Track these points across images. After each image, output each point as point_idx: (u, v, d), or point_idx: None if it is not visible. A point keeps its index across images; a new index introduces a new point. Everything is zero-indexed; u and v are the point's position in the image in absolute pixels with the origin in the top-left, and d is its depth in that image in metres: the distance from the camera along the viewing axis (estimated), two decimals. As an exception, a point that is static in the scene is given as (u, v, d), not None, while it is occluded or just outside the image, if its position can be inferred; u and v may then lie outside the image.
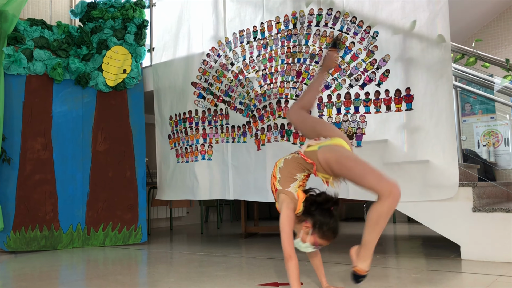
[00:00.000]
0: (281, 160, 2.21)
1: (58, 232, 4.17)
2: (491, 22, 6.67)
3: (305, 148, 2.12)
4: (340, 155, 2.00)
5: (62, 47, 4.37)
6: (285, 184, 2.12)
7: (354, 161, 1.97)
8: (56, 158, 4.25)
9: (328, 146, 2.06)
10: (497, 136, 6.47)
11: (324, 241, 2.03)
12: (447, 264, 2.88)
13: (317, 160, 2.03)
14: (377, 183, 1.88)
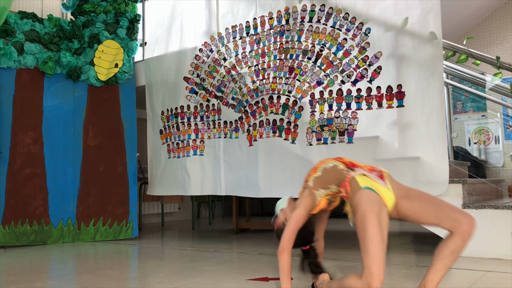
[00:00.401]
0: (331, 162, 2.01)
1: (48, 227, 4.15)
2: (483, 21, 6.71)
3: (357, 175, 1.89)
4: (365, 215, 1.74)
5: (53, 41, 4.34)
6: (317, 185, 1.98)
7: (367, 232, 1.72)
8: (46, 153, 4.22)
9: (372, 195, 1.79)
10: (488, 134, 6.51)
11: None
12: (436, 260, 2.89)
13: (352, 196, 1.84)
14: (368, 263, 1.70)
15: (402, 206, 1.85)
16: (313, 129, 3.52)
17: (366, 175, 1.87)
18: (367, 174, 1.88)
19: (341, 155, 3.36)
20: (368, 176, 1.87)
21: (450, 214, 1.77)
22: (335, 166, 1.96)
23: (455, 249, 1.75)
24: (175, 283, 2.34)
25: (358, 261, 2.91)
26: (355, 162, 1.98)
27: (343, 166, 1.94)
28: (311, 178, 2.01)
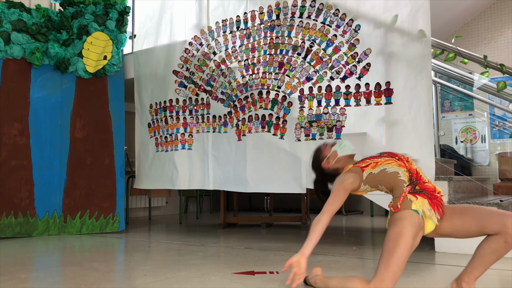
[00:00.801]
0: (395, 167, 1.89)
1: (34, 219, 4.11)
2: (472, 21, 6.76)
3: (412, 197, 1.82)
4: (403, 234, 1.76)
5: (41, 31, 4.28)
6: (368, 181, 1.93)
7: (397, 250, 1.76)
8: (33, 144, 4.17)
9: (417, 220, 1.78)
10: (475, 133, 6.58)
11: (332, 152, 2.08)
12: (421, 256, 2.92)
13: (399, 211, 1.81)
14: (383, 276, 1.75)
15: (442, 227, 1.84)
16: (301, 125, 3.53)
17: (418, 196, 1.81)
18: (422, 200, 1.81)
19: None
20: (422, 201, 1.81)
21: (492, 220, 1.74)
22: (396, 173, 1.86)
23: (496, 249, 1.74)
24: (160, 276, 2.34)
25: (344, 256, 2.93)
26: (420, 173, 1.89)
27: (406, 177, 1.84)
28: (367, 172, 1.92)
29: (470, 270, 1.81)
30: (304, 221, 4.57)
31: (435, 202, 1.81)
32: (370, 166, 1.92)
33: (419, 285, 2.13)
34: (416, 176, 1.85)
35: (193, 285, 2.13)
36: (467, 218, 1.80)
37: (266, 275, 2.33)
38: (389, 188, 1.88)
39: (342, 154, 2.07)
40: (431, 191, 1.83)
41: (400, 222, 1.77)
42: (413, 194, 1.80)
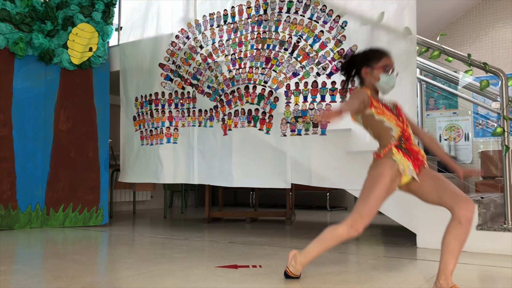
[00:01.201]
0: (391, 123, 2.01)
1: (16, 212, 4.06)
2: (457, 20, 6.83)
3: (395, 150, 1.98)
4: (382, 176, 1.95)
5: (25, 21, 4.21)
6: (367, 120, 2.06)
7: (375, 189, 1.94)
8: (15, 136, 4.11)
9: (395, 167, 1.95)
10: (458, 131, 6.66)
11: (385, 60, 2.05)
12: (403, 251, 2.96)
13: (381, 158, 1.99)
14: (361, 211, 1.94)
15: (413, 184, 1.99)
16: (287, 120, 3.53)
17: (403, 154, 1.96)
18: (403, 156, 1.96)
19: (314, 147, 3.41)
20: (404, 157, 1.96)
21: (450, 196, 1.90)
22: (389, 129, 2.00)
23: (456, 233, 1.86)
24: (142, 269, 2.33)
25: (327, 251, 2.95)
26: (411, 137, 2.02)
27: (396, 135, 1.99)
28: (371, 111, 2.01)
29: (444, 267, 1.90)
30: (289, 216, 4.58)
31: (417, 163, 1.97)
32: (376, 110, 2.01)
33: (400, 280, 2.16)
34: (407, 137, 2.00)
35: (176, 278, 2.12)
36: (434, 185, 1.96)
37: (249, 269, 2.34)
38: (376, 135, 2.06)
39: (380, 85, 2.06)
40: (415, 153, 1.99)
41: (381, 166, 1.96)
42: (398, 149, 1.96)
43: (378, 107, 2.02)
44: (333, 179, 3.35)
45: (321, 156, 3.38)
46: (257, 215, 4.98)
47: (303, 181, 3.47)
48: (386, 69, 2.04)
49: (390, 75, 2.05)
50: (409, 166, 1.94)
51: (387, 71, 2.04)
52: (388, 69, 2.05)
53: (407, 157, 1.95)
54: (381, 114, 2.01)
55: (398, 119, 2.03)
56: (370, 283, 2.08)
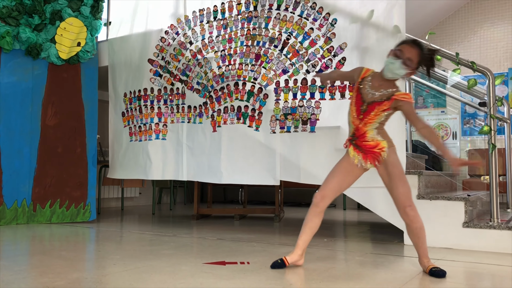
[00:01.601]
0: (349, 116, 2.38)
1: (2, 208, 4.01)
2: (446, 19, 6.88)
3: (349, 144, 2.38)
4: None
5: (12, 15, 4.16)
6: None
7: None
8: (2, 131, 4.06)
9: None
10: (446, 130, 6.72)
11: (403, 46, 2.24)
12: (390, 248, 2.98)
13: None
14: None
15: (380, 172, 2.36)
16: (277, 117, 3.53)
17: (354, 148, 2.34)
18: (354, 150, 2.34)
19: (303, 144, 3.41)
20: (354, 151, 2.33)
21: (399, 190, 2.29)
22: (349, 122, 2.37)
23: (409, 224, 2.34)
24: (130, 265, 2.32)
25: (314, 248, 2.96)
26: (366, 135, 2.30)
27: (350, 132, 2.35)
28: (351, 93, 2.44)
29: (421, 254, 2.32)
30: (278, 213, 4.59)
31: (371, 155, 2.29)
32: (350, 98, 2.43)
33: (387, 276, 2.17)
34: (358, 135, 2.31)
35: (163, 275, 2.12)
36: (388, 182, 2.33)
37: (237, 265, 2.34)
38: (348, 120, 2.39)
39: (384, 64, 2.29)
40: (370, 148, 2.29)
41: (345, 154, 2.39)
42: (350, 143, 2.34)
43: (352, 96, 2.36)
44: (322, 176, 3.30)
45: (310, 153, 3.38)
46: (246, 212, 4.98)
47: (292, 178, 3.48)
48: (396, 54, 2.23)
49: (394, 60, 2.22)
50: (359, 158, 2.30)
51: (396, 55, 2.22)
52: (398, 55, 2.22)
53: (357, 151, 2.31)
54: (350, 104, 2.35)
55: (359, 116, 2.29)
56: (357, 279, 2.09)
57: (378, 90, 2.27)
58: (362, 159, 2.30)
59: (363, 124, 2.28)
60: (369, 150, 2.28)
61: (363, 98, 2.28)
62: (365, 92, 2.29)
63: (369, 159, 2.29)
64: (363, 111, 2.27)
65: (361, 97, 2.29)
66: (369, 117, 2.27)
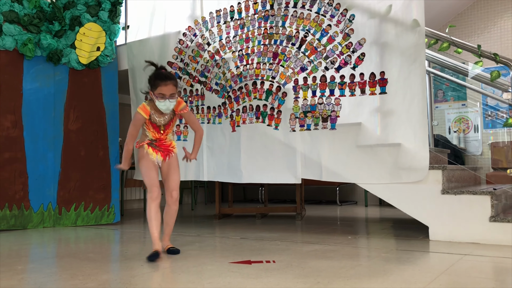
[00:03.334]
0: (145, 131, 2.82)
1: (28, 212, 4.10)
2: (465, 11, 6.77)
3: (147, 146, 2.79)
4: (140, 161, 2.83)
5: (33, 22, 4.24)
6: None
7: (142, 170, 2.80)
8: (26, 136, 4.15)
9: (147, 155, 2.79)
10: (468, 123, 6.62)
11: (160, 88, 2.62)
12: (415, 244, 2.96)
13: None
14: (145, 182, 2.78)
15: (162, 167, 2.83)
16: (296, 115, 3.53)
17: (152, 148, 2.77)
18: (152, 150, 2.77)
19: (324, 141, 3.41)
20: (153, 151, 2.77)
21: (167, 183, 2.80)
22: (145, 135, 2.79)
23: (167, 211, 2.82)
24: (157, 266, 2.34)
25: (339, 245, 2.96)
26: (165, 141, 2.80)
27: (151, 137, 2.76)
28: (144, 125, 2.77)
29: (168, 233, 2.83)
30: (299, 211, 4.59)
31: (166, 153, 2.79)
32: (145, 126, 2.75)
33: (414, 272, 2.16)
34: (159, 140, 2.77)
35: (191, 275, 2.14)
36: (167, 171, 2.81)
37: (263, 264, 2.35)
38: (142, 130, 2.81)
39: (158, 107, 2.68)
40: (166, 147, 2.79)
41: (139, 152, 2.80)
42: (149, 146, 2.76)
43: (147, 124, 2.75)
44: (344, 174, 3.35)
45: (331, 151, 3.38)
46: (267, 211, 4.98)
47: (313, 176, 3.47)
48: (161, 97, 2.62)
49: (165, 101, 2.62)
50: (158, 156, 2.76)
51: (162, 98, 2.62)
52: (163, 97, 2.62)
53: (156, 150, 2.76)
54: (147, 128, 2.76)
55: (158, 132, 2.76)
56: (385, 276, 2.08)
57: (163, 116, 2.73)
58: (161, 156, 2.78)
59: (165, 135, 2.80)
60: (166, 149, 2.80)
61: (158, 125, 2.75)
62: (158, 121, 2.74)
63: (163, 156, 2.78)
64: (162, 130, 2.77)
65: (156, 125, 2.74)
66: (168, 130, 2.81)
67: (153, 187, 2.68)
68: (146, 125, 2.74)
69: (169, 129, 2.79)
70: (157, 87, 2.61)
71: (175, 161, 2.84)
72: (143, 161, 2.76)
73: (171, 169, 2.81)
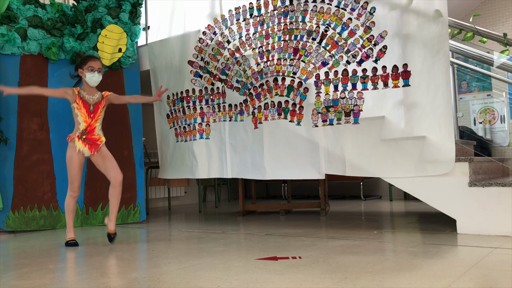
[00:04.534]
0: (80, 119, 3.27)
1: (57, 212, 4.19)
2: (489, -1, 6.62)
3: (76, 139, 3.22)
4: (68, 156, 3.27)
5: (56, 26, 4.32)
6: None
7: (68, 164, 3.26)
8: (53, 138, 4.24)
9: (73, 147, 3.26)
10: (493, 114, 6.49)
11: (90, 62, 3.21)
12: (443, 238, 2.92)
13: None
14: (69, 182, 3.27)
15: (95, 159, 3.29)
16: (318, 111, 3.52)
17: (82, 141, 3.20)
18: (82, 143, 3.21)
19: (347, 136, 3.39)
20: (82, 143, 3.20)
21: (109, 167, 3.24)
22: (78, 123, 3.21)
23: (113, 193, 3.25)
24: (184, 263, 2.37)
25: (365, 240, 2.94)
26: (95, 131, 3.26)
27: (82, 128, 3.20)
28: (73, 106, 3.25)
29: (113, 217, 3.25)
30: (323, 207, 4.57)
31: (93, 146, 3.23)
32: (77, 106, 3.20)
33: (443, 266, 2.13)
34: (90, 130, 3.22)
35: (218, 271, 2.15)
36: (102, 162, 3.26)
37: (289, 260, 2.35)
38: (74, 121, 3.24)
39: (87, 80, 3.25)
40: (94, 141, 3.24)
41: (69, 149, 3.20)
42: (79, 138, 3.18)
43: (78, 104, 3.19)
44: (368, 168, 3.32)
45: (354, 145, 3.35)
46: (291, 207, 4.98)
47: (337, 171, 3.46)
48: (90, 69, 3.20)
49: (93, 73, 3.21)
50: (85, 149, 3.18)
51: (91, 70, 3.20)
52: (92, 70, 3.20)
53: (84, 143, 3.18)
54: (78, 110, 3.19)
55: (90, 116, 3.21)
56: (413, 271, 2.06)
57: (93, 95, 3.28)
58: (88, 150, 3.20)
59: (95, 121, 3.23)
60: (94, 142, 3.22)
61: (88, 103, 3.21)
62: (88, 99, 3.23)
63: (91, 149, 3.20)
64: (92, 112, 3.22)
65: (87, 103, 3.21)
66: (97, 116, 3.24)
67: (74, 182, 3.18)
68: (78, 107, 3.18)
69: (97, 114, 3.24)
70: (87, 62, 3.18)
71: (106, 151, 3.26)
72: (71, 160, 3.17)
73: (106, 159, 3.23)
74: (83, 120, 3.19)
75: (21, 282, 2.10)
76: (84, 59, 3.25)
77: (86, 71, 3.20)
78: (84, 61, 3.22)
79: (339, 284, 1.84)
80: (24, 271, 2.34)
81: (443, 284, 1.79)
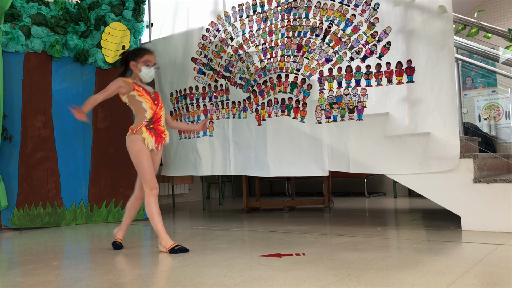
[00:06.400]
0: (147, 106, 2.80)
1: (61, 209, 4.20)
2: (493, -6, 6.58)
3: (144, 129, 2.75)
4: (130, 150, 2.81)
5: (59, 24, 4.32)
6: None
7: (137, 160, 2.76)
8: (57, 136, 4.25)
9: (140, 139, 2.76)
10: (498, 110, 6.45)
11: (147, 56, 2.81)
12: (447, 234, 2.91)
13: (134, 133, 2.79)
14: (143, 179, 2.77)
15: (152, 153, 2.80)
16: (322, 107, 3.51)
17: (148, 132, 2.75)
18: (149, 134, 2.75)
19: (351, 132, 3.38)
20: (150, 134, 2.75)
21: (140, 176, 2.79)
22: (144, 110, 2.76)
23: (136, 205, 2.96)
24: (188, 260, 2.37)
25: (369, 237, 2.93)
26: (161, 119, 2.82)
27: (149, 116, 2.76)
28: (134, 93, 2.77)
29: (126, 224, 2.95)
30: (327, 204, 4.57)
31: (159, 139, 2.79)
32: (138, 93, 2.76)
33: (448, 263, 2.12)
34: (156, 119, 2.79)
35: (221, 268, 2.16)
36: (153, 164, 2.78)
37: (293, 257, 2.35)
38: (135, 111, 2.80)
39: (141, 75, 2.82)
40: (160, 132, 2.81)
41: (135, 143, 2.72)
42: (146, 128, 2.74)
43: (139, 91, 2.77)
44: (372, 165, 3.31)
45: (358, 142, 3.34)
46: (295, 204, 4.98)
47: (341, 168, 3.45)
48: (147, 64, 2.79)
49: (150, 68, 2.80)
50: (152, 140, 2.74)
51: (147, 65, 2.79)
52: (148, 64, 2.79)
53: (151, 134, 2.75)
54: (141, 96, 2.77)
55: (154, 103, 2.79)
56: (417, 267, 2.06)
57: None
58: (154, 143, 2.77)
59: (160, 109, 2.81)
60: (159, 135, 2.80)
61: (148, 91, 2.80)
62: (144, 87, 2.82)
63: (156, 143, 2.78)
64: (154, 99, 2.80)
65: (146, 90, 2.80)
66: (159, 103, 2.83)
67: (152, 177, 2.72)
68: (140, 94, 2.76)
69: (160, 102, 2.83)
70: (144, 56, 2.80)
71: (160, 155, 2.89)
72: (141, 153, 2.69)
73: (155, 163, 2.83)
74: (149, 107, 2.75)
75: (26, 278, 2.11)
76: (138, 51, 2.86)
77: (141, 65, 2.78)
78: (139, 53, 2.82)
79: (343, 281, 1.84)
80: (29, 268, 2.35)
81: (447, 281, 1.79)
